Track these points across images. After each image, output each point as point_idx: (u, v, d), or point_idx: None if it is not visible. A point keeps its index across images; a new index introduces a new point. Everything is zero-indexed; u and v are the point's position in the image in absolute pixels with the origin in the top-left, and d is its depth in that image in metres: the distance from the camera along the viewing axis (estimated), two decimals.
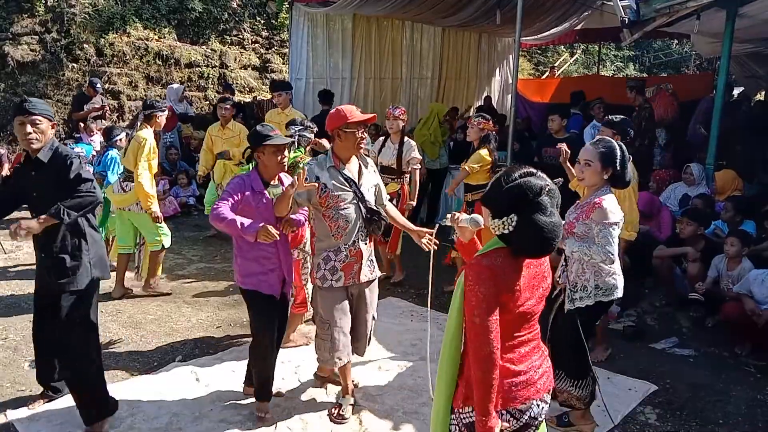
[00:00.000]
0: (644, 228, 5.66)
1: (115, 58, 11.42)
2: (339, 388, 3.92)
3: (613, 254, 3.23)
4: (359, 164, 3.62)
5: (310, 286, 4.50)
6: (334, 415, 3.68)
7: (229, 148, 6.97)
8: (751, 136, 8.11)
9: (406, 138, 5.87)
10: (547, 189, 2.08)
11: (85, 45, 11.13)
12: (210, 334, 4.95)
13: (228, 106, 7.17)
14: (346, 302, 3.62)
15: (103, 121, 9.56)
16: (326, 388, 4.07)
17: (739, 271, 5.00)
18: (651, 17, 6.21)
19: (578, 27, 11.10)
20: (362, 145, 3.56)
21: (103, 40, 11.30)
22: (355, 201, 3.51)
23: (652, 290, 5.84)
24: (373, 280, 3.74)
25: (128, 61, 11.56)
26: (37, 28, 10.91)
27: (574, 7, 9.16)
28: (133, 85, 11.52)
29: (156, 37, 12.02)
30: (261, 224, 3.28)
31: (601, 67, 17.92)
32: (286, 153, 3.55)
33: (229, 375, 4.19)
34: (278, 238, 3.35)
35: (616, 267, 3.42)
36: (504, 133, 7.81)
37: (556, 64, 17.59)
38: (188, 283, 6.09)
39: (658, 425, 3.76)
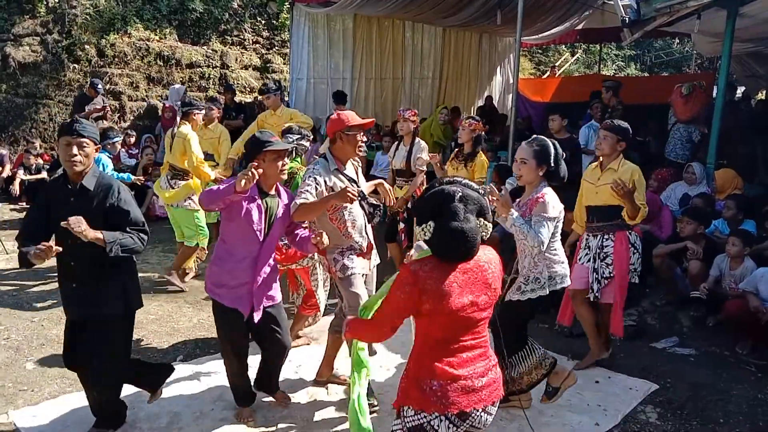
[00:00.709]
0: (645, 227, 5.66)
1: (116, 59, 11.43)
2: (341, 387, 3.93)
3: (544, 240, 3.37)
4: (353, 164, 3.78)
5: (320, 293, 4.53)
6: None
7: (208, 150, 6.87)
8: (752, 135, 8.12)
9: (417, 139, 5.86)
10: (459, 196, 2.21)
11: (86, 46, 11.15)
12: (211, 334, 4.94)
13: (215, 108, 7.20)
14: (366, 289, 3.75)
15: (104, 121, 9.58)
16: (327, 388, 4.08)
17: (741, 270, 5.00)
18: (651, 17, 6.21)
19: (579, 27, 11.10)
20: (361, 148, 3.71)
21: (104, 40, 11.32)
22: (358, 199, 3.54)
23: (652, 289, 5.83)
24: (376, 264, 3.97)
25: (129, 61, 11.57)
26: (39, 29, 10.94)
27: (575, 6, 9.16)
28: (134, 85, 11.54)
29: (157, 37, 12.04)
30: (236, 177, 3.15)
31: (602, 66, 17.91)
32: (286, 160, 3.48)
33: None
34: (256, 175, 3.11)
35: (562, 256, 3.60)
36: (505, 133, 7.84)
37: (557, 64, 17.59)
38: (190, 282, 6.10)
39: (658, 424, 3.77)
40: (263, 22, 13.68)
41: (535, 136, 3.72)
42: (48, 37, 10.89)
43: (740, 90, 13.80)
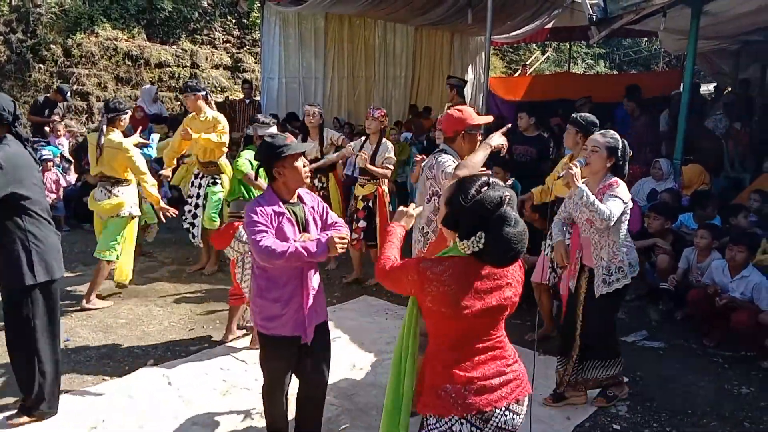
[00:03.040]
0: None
1: (83, 59, 11.23)
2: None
3: (614, 214, 3.45)
4: None
5: (244, 284, 4.45)
6: None
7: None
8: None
9: (384, 140, 5.87)
10: (506, 199, 2.08)
11: (52, 45, 10.93)
12: (182, 337, 4.89)
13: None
14: None
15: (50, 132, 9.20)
16: None
17: (708, 262, 5.11)
18: (618, 14, 6.29)
19: (549, 25, 11.21)
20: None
21: (70, 40, 11.11)
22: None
23: None
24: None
25: (97, 61, 11.38)
26: (2, 28, 10.70)
27: (544, 5, 9.26)
28: (102, 86, 11.35)
29: (125, 37, 11.86)
30: (325, 238, 2.90)
31: (572, 64, 18.12)
32: (306, 161, 3.13)
33: (201, 378, 4.15)
34: (351, 238, 3.04)
35: (631, 241, 3.79)
36: None
37: (527, 63, 17.75)
38: (160, 285, 6.02)
39: (628, 417, 3.82)
40: (234, 21, 13.57)
41: (607, 129, 3.83)
42: (12, 37, 10.66)
43: (711, 86, 14.05)
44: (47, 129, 9.03)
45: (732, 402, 4.03)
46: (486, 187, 2.09)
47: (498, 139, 3.37)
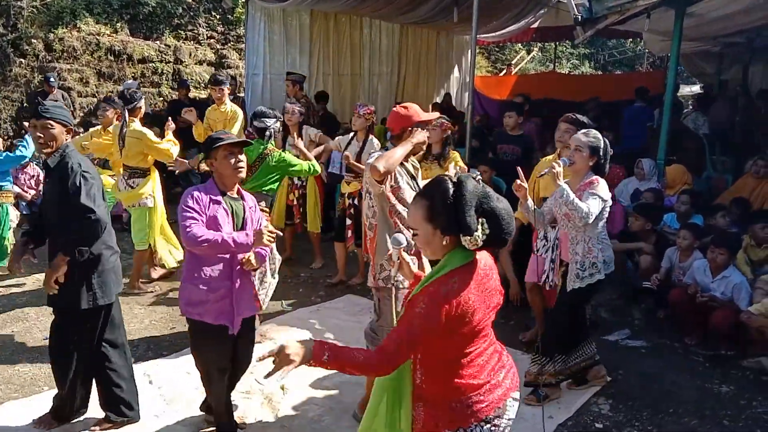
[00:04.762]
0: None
1: (65, 54, 11.06)
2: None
3: (592, 211, 3.54)
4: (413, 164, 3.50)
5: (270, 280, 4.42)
6: None
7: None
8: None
9: (371, 137, 5.84)
10: (478, 178, 2.07)
11: (33, 40, 10.76)
12: (164, 334, 4.85)
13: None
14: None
15: None
16: (284, 389, 4.03)
17: (690, 262, 5.15)
18: (603, 15, 6.31)
19: (534, 25, 11.24)
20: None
21: (52, 35, 10.94)
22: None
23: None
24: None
25: (79, 56, 11.22)
26: None
27: (529, 5, 9.28)
28: (84, 81, 11.19)
29: (108, 32, 11.70)
30: (251, 232, 3.00)
31: (557, 64, 18.21)
32: (242, 157, 3.19)
33: (183, 376, 4.11)
34: (279, 235, 3.09)
35: (608, 239, 3.88)
36: (462, 130, 7.88)
37: (513, 62, 17.81)
38: (142, 283, 5.94)
39: (610, 415, 3.84)
40: (218, 16, 13.45)
41: (589, 129, 3.89)
42: None
43: (693, 87, 14.21)
44: (26, 124, 8.90)
45: (712, 400, 4.07)
46: (462, 180, 2.03)
47: (420, 136, 3.31)
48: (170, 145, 5.53)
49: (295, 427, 3.62)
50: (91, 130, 6.86)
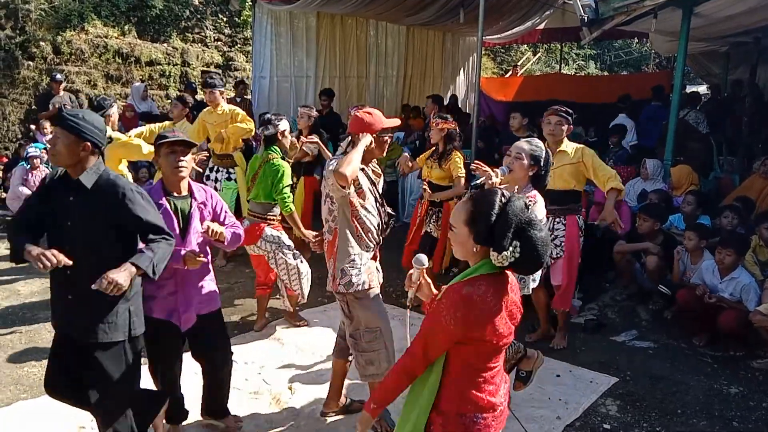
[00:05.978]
0: (604, 224, 5.74)
1: (73, 56, 11.14)
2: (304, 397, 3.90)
3: None
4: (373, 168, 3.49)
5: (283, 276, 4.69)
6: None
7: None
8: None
9: None
10: (529, 204, 2.07)
11: (41, 42, 10.84)
12: None
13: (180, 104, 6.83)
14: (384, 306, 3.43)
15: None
16: (291, 389, 4.04)
17: (701, 263, 5.13)
18: (610, 15, 6.31)
19: (540, 26, 11.23)
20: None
21: (60, 37, 11.02)
22: (376, 202, 3.36)
23: (612, 284, 5.93)
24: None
25: (87, 59, 11.29)
26: None
27: (536, 6, 9.27)
28: (92, 83, 11.26)
29: (115, 34, 11.77)
30: (184, 251, 3.01)
31: (563, 65, 18.18)
32: (185, 158, 3.13)
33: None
34: (205, 261, 3.07)
35: None
36: (469, 131, 7.88)
37: (519, 63, 17.78)
38: None
39: (618, 416, 3.83)
40: (225, 19, 13.51)
41: (532, 137, 3.86)
42: (0, 33, 10.56)
43: (703, 87, 14.15)
44: (33, 126, 8.98)
45: (721, 401, 4.05)
46: (511, 197, 2.04)
47: (366, 140, 3.20)
48: (140, 141, 5.28)
49: (303, 426, 3.63)
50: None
